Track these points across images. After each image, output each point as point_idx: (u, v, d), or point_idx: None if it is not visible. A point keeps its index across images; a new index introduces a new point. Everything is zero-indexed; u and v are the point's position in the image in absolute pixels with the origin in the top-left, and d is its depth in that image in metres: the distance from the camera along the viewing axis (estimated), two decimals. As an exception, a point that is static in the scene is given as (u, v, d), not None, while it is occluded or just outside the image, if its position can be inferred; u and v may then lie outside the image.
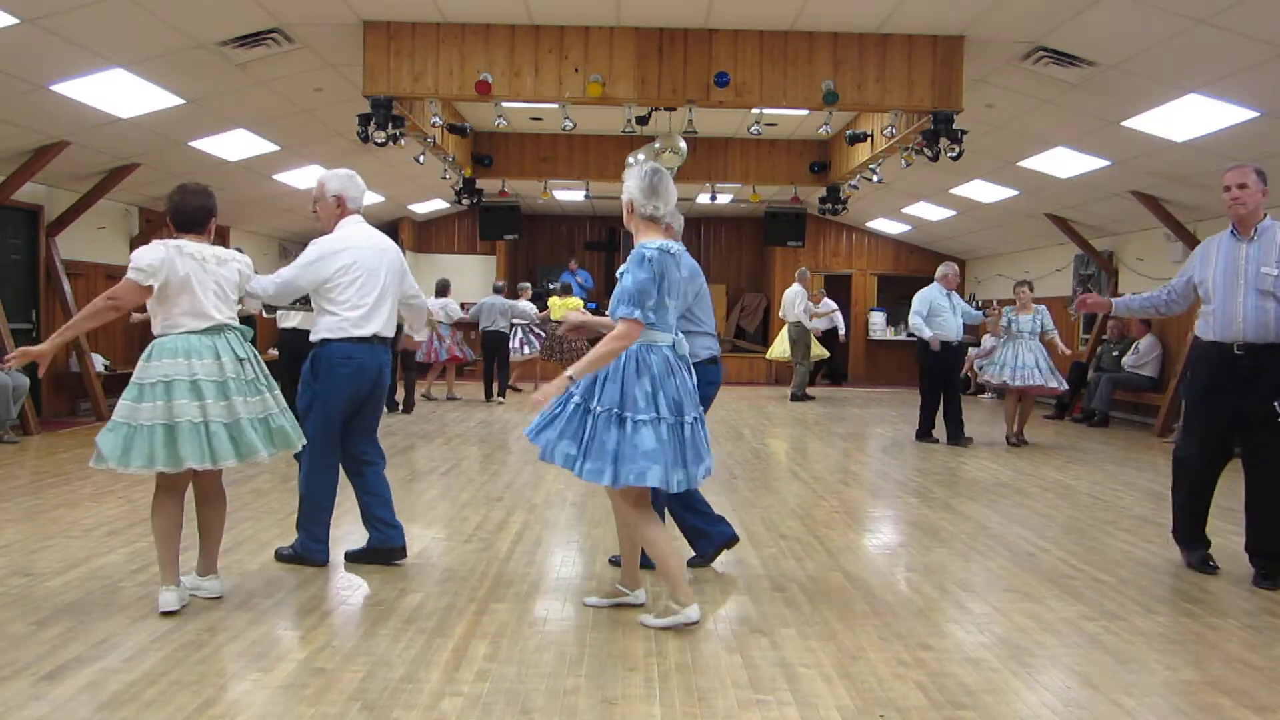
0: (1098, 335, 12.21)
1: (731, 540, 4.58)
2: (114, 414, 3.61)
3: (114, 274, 7.33)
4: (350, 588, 4.16)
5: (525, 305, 13.30)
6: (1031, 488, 6.94)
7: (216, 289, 3.76)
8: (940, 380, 9.31)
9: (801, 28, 7.64)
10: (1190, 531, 4.73)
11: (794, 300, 13.38)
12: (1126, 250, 11.99)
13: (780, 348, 14.09)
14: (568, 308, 12.70)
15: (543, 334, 13.25)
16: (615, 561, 4.38)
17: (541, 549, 4.88)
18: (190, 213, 3.82)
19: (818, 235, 17.15)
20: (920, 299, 9.26)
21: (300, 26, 7.29)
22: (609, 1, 7.20)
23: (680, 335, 3.71)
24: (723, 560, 4.68)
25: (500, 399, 12.47)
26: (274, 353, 9.00)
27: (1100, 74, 7.29)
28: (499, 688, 3.08)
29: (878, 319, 17.34)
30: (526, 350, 13.15)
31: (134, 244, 10.61)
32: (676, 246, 3.67)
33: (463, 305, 13.17)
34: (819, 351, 14.29)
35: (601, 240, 19.15)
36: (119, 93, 7.71)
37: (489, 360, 12.60)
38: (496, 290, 12.99)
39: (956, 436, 9.15)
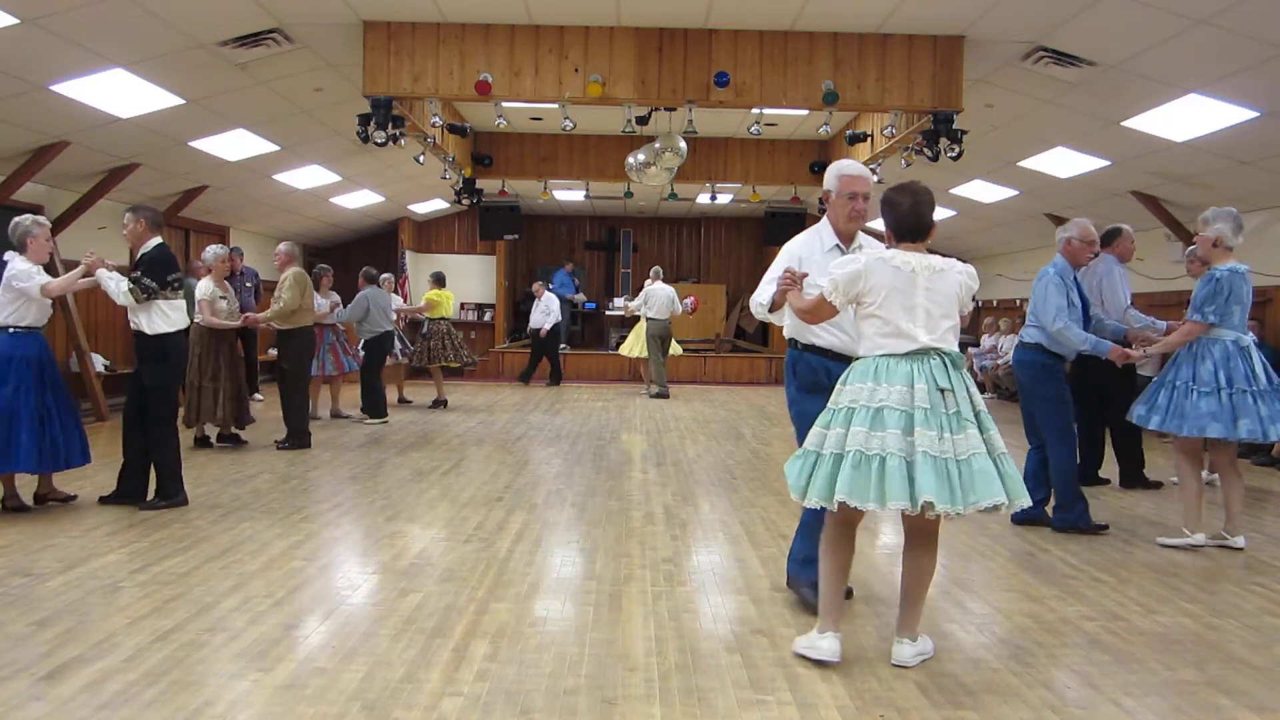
0: (1098, 335, 12.19)
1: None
2: (805, 441, 3.36)
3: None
4: (350, 588, 4.16)
5: (396, 300, 11.47)
6: (1031, 488, 6.93)
7: (927, 307, 3.27)
8: None
9: (801, 28, 7.64)
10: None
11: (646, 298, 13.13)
12: (1126, 250, 11.97)
13: (636, 345, 13.82)
14: (449, 300, 11.90)
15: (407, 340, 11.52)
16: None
17: (541, 549, 4.88)
18: (901, 217, 3.36)
19: (818, 235, 17.13)
20: None
21: (300, 26, 7.29)
22: (609, 1, 7.20)
23: (1250, 333, 4.98)
24: (723, 561, 4.70)
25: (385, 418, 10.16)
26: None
27: (1100, 74, 7.29)
28: (499, 688, 3.08)
29: None
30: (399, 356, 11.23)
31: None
32: (1244, 267, 4.91)
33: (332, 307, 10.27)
34: (675, 349, 14.00)
35: (601, 240, 19.16)
36: (119, 93, 7.71)
37: (380, 366, 10.40)
38: (373, 280, 10.46)
39: None
